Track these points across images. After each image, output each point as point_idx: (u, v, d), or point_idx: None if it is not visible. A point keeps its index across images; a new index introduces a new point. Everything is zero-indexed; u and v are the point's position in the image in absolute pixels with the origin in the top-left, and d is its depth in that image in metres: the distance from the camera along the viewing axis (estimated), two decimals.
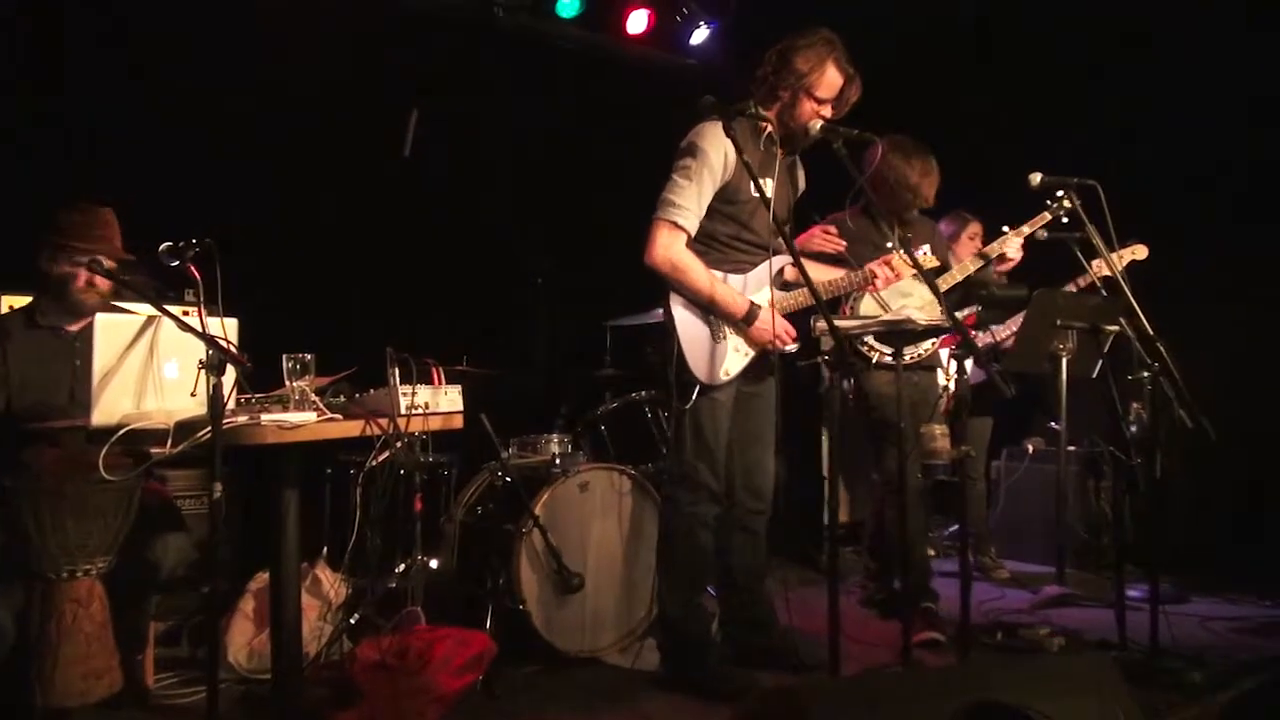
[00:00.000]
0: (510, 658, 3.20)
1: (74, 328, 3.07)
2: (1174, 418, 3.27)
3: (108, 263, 2.97)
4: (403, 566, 3.66)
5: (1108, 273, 3.55)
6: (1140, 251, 4.08)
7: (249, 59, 4.31)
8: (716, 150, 3.11)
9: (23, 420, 2.85)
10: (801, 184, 3.46)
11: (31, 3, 3.96)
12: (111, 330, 2.46)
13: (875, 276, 3.31)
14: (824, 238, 3.64)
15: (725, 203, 3.18)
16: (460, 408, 2.95)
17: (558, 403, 4.41)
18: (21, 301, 3.22)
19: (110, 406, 2.42)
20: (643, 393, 4.19)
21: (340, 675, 2.90)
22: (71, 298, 3.02)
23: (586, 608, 3.49)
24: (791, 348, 3.25)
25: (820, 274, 3.34)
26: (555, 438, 3.94)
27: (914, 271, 3.28)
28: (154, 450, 2.41)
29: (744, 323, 3.15)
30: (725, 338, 3.18)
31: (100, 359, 2.41)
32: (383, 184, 4.73)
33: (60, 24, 4.01)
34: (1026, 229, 3.80)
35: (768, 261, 3.18)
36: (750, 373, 3.24)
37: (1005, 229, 3.87)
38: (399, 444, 2.80)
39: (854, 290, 3.38)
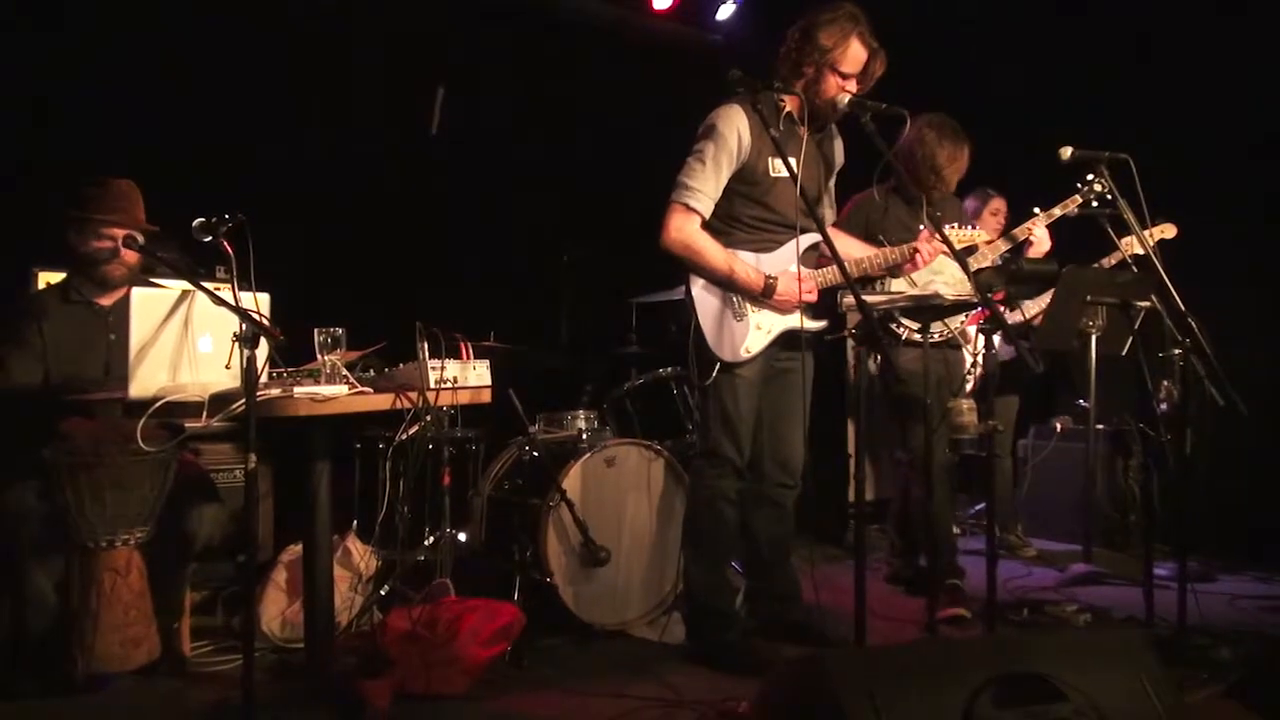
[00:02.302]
0: (538, 630, 3.23)
1: (107, 301, 3.12)
2: (1205, 395, 3.24)
3: (141, 238, 3.01)
4: (431, 539, 3.70)
5: (1139, 249, 3.50)
6: (1169, 230, 4.02)
7: (276, 34, 4.33)
8: (731, 131, 3.10)
9: (59, 393, 2.90)
10: (839, 160, 3.42)
11: None
12: (148, 304, 2.51)
13: (918, 253, 3.26)
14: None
15: (743, 183, 3.17)
16: (488, 382, 2.98)
17: (583, 379, 4.43)
18: (58, 278, 3.27)
19: (147, 379, 2.46)
20: (669, 369, 4.19)
21: (371, 645, 2.95)
22: (100, 272, 3.07)
23: (614, 581, 3.51)
24: (819, 325, 3.24)
25: (860, 250, 3.33)
26: (582, 413, 3.95)
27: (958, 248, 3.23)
28: (189, 423, 2.45)
29: (764, 295, 3.15)
30: (746, 316, 3.18)
31: (137, 332, 2.46)
32: (411, 161, 4.75)
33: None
34: (1058, 211, 3.76)
35: (793, 241, 3.16)
36: (779, 348, 3.24)
37: (1036, 210, 3.83)
38: (428, 418, 2.83)
39: (895, 266, 3.34)
